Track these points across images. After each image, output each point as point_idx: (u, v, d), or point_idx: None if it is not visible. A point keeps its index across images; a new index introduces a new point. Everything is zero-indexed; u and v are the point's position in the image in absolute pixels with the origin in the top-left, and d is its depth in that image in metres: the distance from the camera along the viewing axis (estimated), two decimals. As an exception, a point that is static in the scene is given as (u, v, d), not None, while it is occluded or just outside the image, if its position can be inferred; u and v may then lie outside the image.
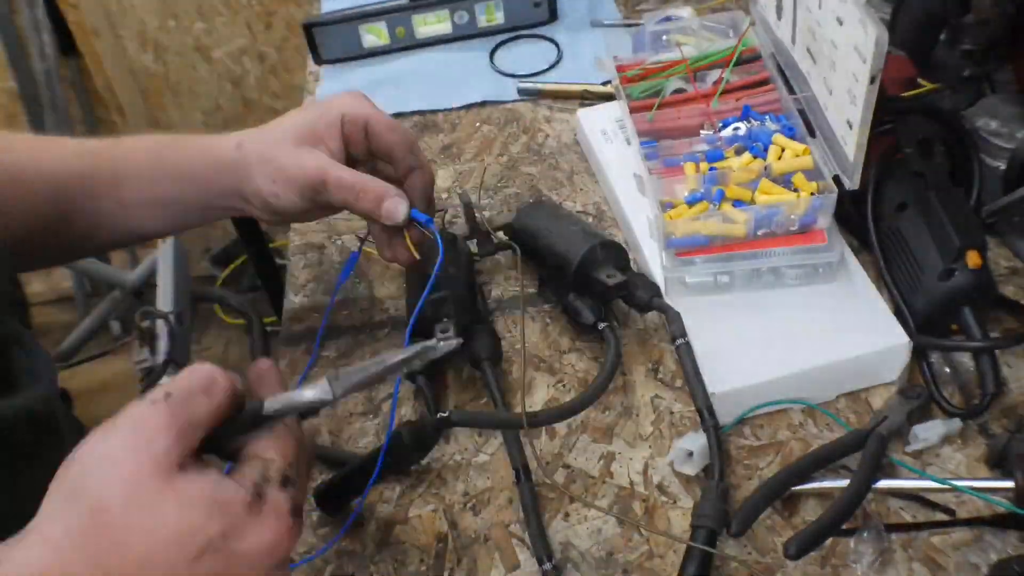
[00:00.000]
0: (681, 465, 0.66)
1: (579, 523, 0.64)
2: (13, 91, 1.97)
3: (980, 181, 0.77)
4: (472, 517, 0.66)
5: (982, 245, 0.69)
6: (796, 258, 0.72)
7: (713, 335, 0.70)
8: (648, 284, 0.72)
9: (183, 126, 2.11)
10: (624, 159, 0.87)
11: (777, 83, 0.82)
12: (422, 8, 1.10)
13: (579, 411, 0.65)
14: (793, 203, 0.71)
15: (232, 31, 1.97)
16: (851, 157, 0.69)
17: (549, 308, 0.79)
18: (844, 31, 0.66)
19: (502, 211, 0.89)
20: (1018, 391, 0.68)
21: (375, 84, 1.09)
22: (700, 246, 0.73)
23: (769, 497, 0.60)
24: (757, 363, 0.68)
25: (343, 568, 0.64)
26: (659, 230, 0.73)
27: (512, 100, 1.04)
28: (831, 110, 0.73)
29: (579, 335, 0.76)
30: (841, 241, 0.74)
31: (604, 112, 0.93)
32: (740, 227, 0.72)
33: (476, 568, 0.63)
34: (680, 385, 0.72)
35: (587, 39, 1.11)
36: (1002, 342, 0.68)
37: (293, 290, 0.86)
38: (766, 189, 0.73)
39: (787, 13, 0.80)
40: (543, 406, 0.72)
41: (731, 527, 0.58)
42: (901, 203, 0.73)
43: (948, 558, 0.59)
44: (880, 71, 0.62)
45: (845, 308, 0.71)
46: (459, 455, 0.70)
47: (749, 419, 0.68)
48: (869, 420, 0.66)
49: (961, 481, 0.61)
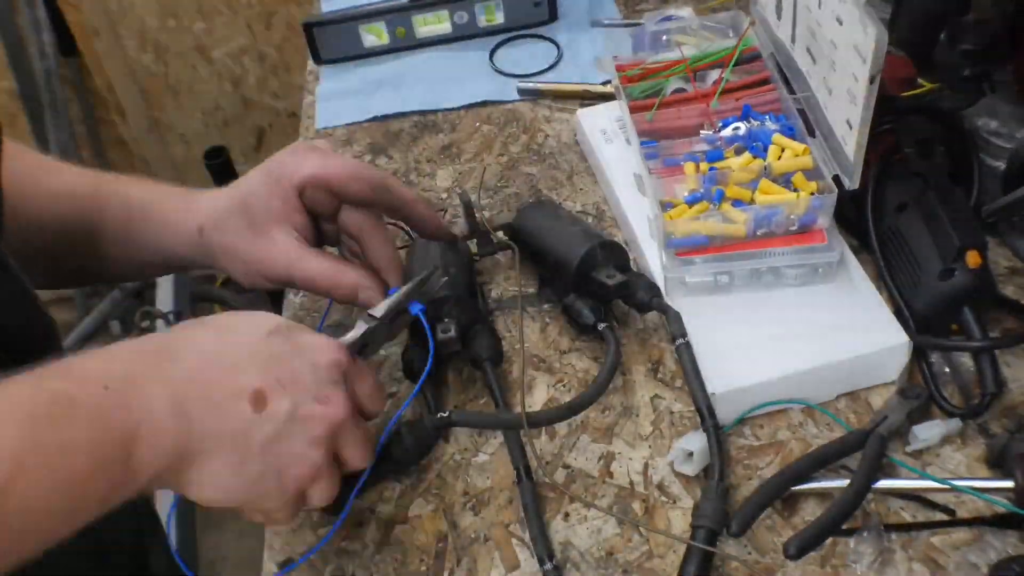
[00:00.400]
0: (681, 465, 0.66)
1: (579, 523, 0.64)
2: (13, 91, 1.97)
3: (980, 181, 0.77)
4: (472, 517, 0.66)
5: (982, 245, 0.69)
6: (796, 258, 0.72)
7: (713, 335, 0.70)
8: (648, 284, 0.72)
9: (183, 126, 2.11)
10: (624, 159, 0.87)
11: (777, 83, 0.82)
12: (422, 8, 1.10)
13: (579, 411, 0.65)
14: (793, 203, 0.71)
15: (232, 31, 1.97)
16: (851, 157, 0.69)
17: (549, 308, 0.79)
18: (844, 31, 0.66)
19: (502, 211, 0.89)
20: (1018, 391, 0.68)
21: (375, 84, 1.09)
22: (700, 246, 0.73)
23: (769, 497, 0.61)
24: (757, 363, 0.68)
25: (343, 568, 0.64)
26: (659, 230, 0.73)
27: (512, 100, 1.04)
28: (831, 110, 0.73)
29: (579, 335, 0.76)
30: (841, 241, 0.74)
31: (604, 112, 0.93)
32: (740, 227, 0.72)
33: (476, 568, 0.63)
34: (680, 385, 0.72)
35: (587, 39, 1.11)
36: (1002, 342, 0.68)
37: (293, 290, 0.86)
38: (766, 189, 0.73)
39: (787, 13, 0.80)
40: (543, 406, 0.72)
41: (731, 527, 0.58)
42: (901, 203, 0.73)
43: (948, 558, 0.59)
44: (880, 71, 0.62)
45: (845, 308, 0.71)
46: (459, 455, 0.70)
47: (749, 419, 0.68)
48: (869, 420, 0.66)
49: (961, 481, 0.61)
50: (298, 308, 0.84)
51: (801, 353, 0.68)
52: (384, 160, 0.99)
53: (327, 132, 1.05)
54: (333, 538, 0.65)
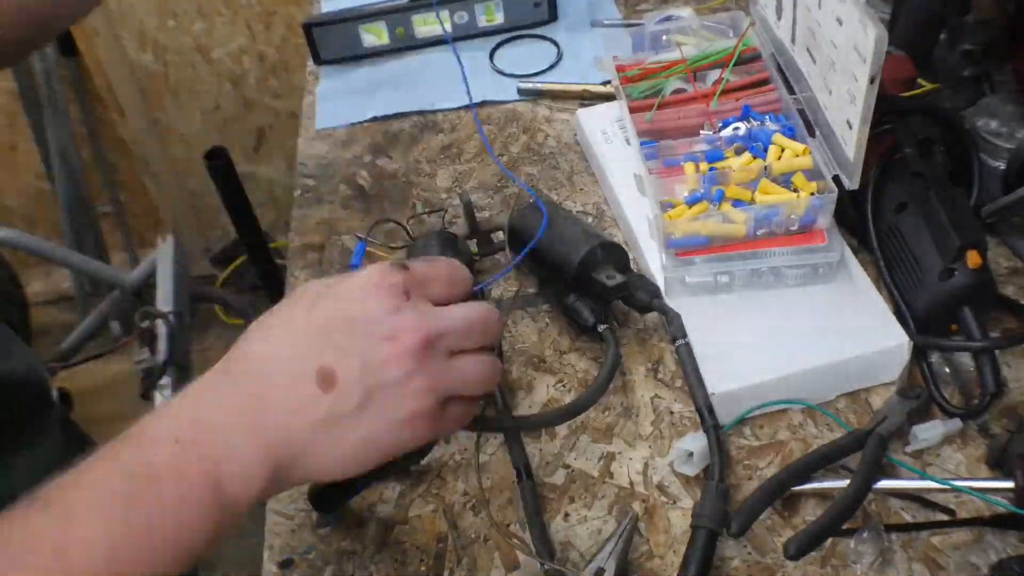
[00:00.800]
0: (681, 466, 0.66)
1: (579, 523, 0.64)
2: (13, 91, 1.97)
3: (980, 181, 0.77)
4: (472, 517, 0.66)
5: (982, 245, 0.69)
6: (796, 258, 0.72)
7: (713, 335, 0.70)
8: (648, 285, 0.72)
9: (183, 126, 2.11)
10: (624, 159, 0.87)
11: (777, 83, 0.82)
12: (422, 8, 1.10)
13: (578, 414, 0.65)
14: (793, 203, 0.71)
15: (232, 31, 1.97)
16: (851, 157, 0.69)
17: (549, 308, 0.79)
18: (844, 31, 0.66)
19: (502, 211, 0.89)
20: (1018, 391, 0.68)
21: (375, 84, 1.09)
22: (700, 246, 0.73)
23: (769, 497, 0.60)
24: (757, 363, 0.68)
25: (343, 568, 0.64)
26: (659, 230, 0.73)
27: (512, 100, 1.04)
28: (831, 110, 0.73)
29: (579, 335, 0.76)
30: (841, 241, 0.74)
31: (604, 112, 0.93)
32: (740, 227, 0.72)
33: (476, 568, 0.63)
34: (680, 385, 0.72)
35: (587, 39, 1.11)
36: (1002, 342, 0.68)
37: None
38: (766, 189, 0.73)
39: (787, 13, 0.80)
40: (543, 407, 0.72)
41: (731, 527, 0.58)
42: (901, 203, 0.73)
43: (948, 558, 0.59)
44: (880, 71, 0.62)
45: (845, 308, 0.71)
46: (459, 455, 0.70)
47: (749, 419, 0.68)
48: (869, 420, 0.66)
49: (961, 481, 0.61)
50: (298, 308, 0.84)
51: (801, 353, 0.68)
52: (384, 160, 0.99)
53: (327, 132, 1.05)
54: (333, 538, 0.65)
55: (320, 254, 0.89)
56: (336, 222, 0.92)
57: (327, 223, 0.92)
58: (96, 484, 0.44)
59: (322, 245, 0.90)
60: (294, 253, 0.90)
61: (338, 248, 0.89)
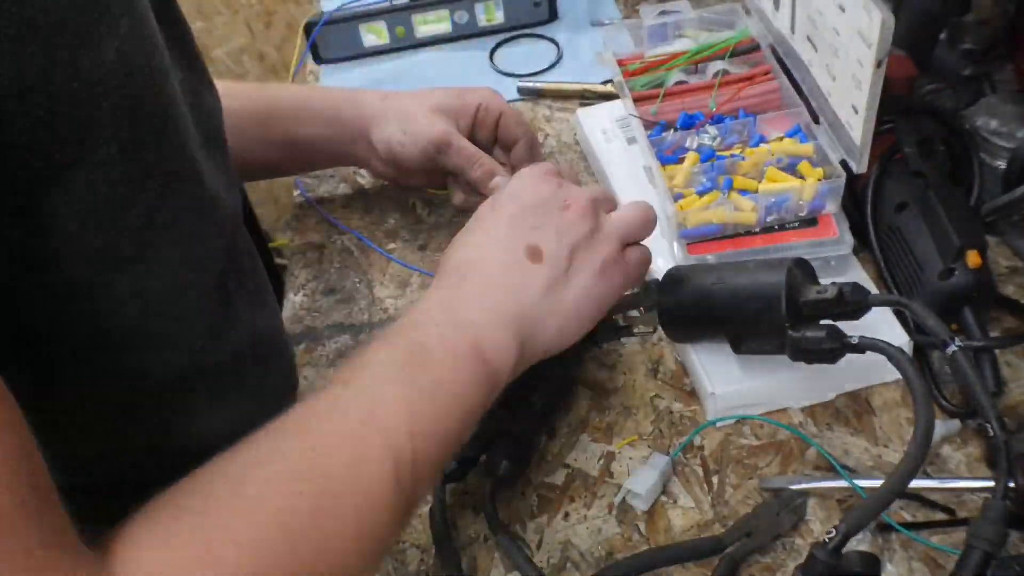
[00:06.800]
0: (633, 499, 0.64)
1: (579, 523, 0.64)
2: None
3: (980, 181, 0.77)
4: (472, 517, 0.66)
5: (982, 245, 0.69)
6: (808, 251, 0.71)
7: (713, 335, 0.70)
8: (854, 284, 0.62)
9: (183, 126, 2.10)
10: (624, 159, 0.87)
11: (778, 73, 0.82)
12: (422, 8, 1.10)
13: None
14: (801, 189, 0.71)
15: (232, 31, 1.97)
16: (857, 141, 0.69)
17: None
18: (846, 18, 0.66)
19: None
20: (1018, 391, 0.68)
21: (375, 84, 1.09)
22: (712, 235, 0.73)
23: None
24: (757, 363, 0.68)
25: (343, 568, 0.64)
26: (671, 220, 0.73)
27: (512, 100, 1.04)
28: (835, 96, 0.73)
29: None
30: (850, 234, 0.74)
31: (604, 112, 0.93)
32: (751, 215, 0.72)
33: (476, 568, 0.63)
34: (680, 385, 0.72)
35: (587, 38, 1.11)
36: (1002, 342, 0.68)
37: (293, 290, 0.86)
38: (773, 178, 0.73)
39: (785, 3, 0.80)
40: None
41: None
42: (901, 203, 0.73)
43: (948, 558, 0.59)
44: (887, 55, 0.62)
45: (845, 308, 0.71)
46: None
47: (749, 419, 0.68)
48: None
49: (961, 481, 0.61)
50: (298, 308, 0.84)
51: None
52: (384, 160, 0.99)
53: (327, 132, 1.04)
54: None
55: (320, 254, 0.89)
56: (336, 222, 0.92)
57: (327, 223, 0.92)
58: (383, 362, 0.52)
59: (322, 245, 0.90)
60: (294, 253, 0.90)
61: (338, 248, 0.89)
